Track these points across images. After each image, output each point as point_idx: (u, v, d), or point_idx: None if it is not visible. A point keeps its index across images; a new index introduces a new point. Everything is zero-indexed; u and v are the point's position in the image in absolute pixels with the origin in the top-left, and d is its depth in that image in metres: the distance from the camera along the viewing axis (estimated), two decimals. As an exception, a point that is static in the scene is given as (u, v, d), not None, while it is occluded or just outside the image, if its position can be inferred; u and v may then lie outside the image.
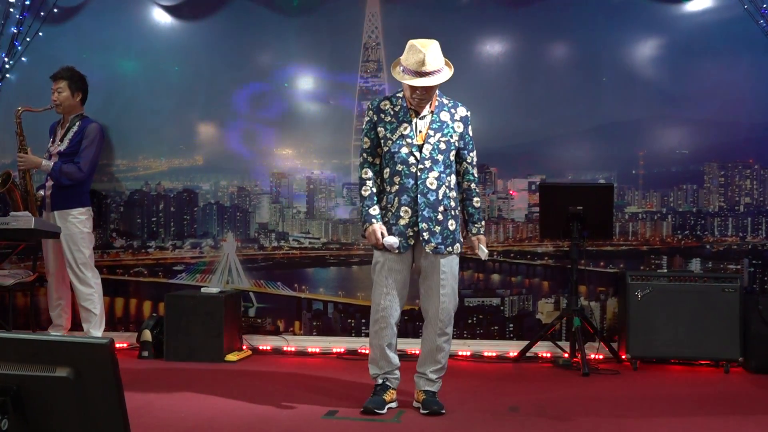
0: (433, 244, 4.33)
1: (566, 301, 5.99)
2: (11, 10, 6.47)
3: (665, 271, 6.06)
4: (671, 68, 6.16)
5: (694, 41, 6.10)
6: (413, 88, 4.25)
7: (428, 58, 4.16)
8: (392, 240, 4.32)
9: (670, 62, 6.16)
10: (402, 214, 4.34)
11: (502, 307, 6.28)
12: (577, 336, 5.62)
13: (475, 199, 4.56)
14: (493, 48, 6.35)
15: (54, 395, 2.05)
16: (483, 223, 4.59)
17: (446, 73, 4.27)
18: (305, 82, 6.55)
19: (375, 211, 4.40)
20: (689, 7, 6.12)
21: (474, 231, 4.55)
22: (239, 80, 6.52)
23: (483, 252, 4.51)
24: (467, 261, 6.28)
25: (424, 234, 4.32)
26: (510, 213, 6.31)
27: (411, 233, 4.35)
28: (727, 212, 6.14)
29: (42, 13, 6.49)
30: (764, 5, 5.87)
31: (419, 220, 4.31)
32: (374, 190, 4.44)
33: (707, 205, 6.17)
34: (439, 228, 4.33)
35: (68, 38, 6.57)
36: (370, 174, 4.45)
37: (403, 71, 4.25)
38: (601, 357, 5.90)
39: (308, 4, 6.44)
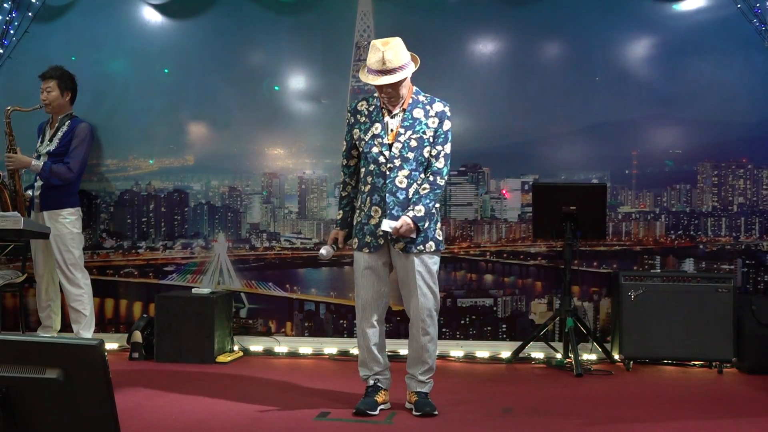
0: (401, 243, 4.29)
1: (559, 302, 5.97)
2: (4, 6, 6.42)
3: (658, 271, 6.05)
4: (664, 68, 6.15)
5: (687, 41, 6.10)
6: (379, 87, 4.26)
7: (387, 55, 4.15)
8: (322, 250, 4.49)
9: (663, 62, 6.16)
10: (372, 213, 4.33)
11: (494, 308, 6.26)
12: (571, 336, 5.62)
13: (424, 185, 4.30)
14: (485, 47, 6.33)
15: (43, 397, 2.03)
16: (421, 210, 4.23)
17: (409, 69, 4.26)
18: (297, 82, 6.52)
19: (339, 215, 4.59)
20: (682, 7, 6.11)
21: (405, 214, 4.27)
22: (230, 79, 6.49)
23: (385, 224, 4.21)
24: (460, 261, 6.28)
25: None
26: (503, 213, 6.29)
27: (381, 233, 4.32)
28: (721, 212, 6.13)
29: (30, 12, 6.44)
30: (757, 4, 5.87)
31: (388, 218, 4.28)
32: (343, 194, 4.58)
33: (700, 205, 6.16)
34: None
35: (57, 37, 6.53)
36: (343, 177, 4.59)
37: (367, 71, 4.26)
38: (594, 357, 5.89)
39: (300, 2, 6.41)
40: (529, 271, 6.27)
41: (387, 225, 4.21)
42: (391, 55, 4.16)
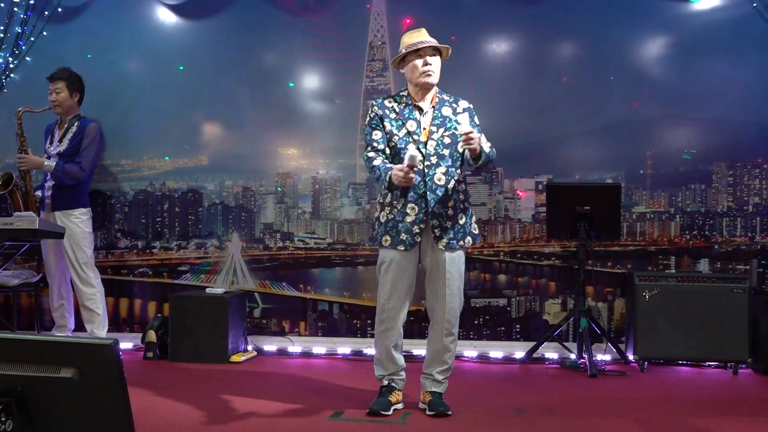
0: (445, 240, 4.29)
1: (573, 302, 5.96)
2: (15, 9, 6.46)
3: (673, 271, 6.03)
4: (679, 67, 6.13)
5: (702, 40, 6.07)
6: (423, 59, 4.27)
7: (425, 33, 4.33)
8: (411, 152, 4.07)
9: (678, 61, 6.14)
10: (408, 211, 4.30)
11: (508, 308, 6.25)
12: (585, 337, 5.59)
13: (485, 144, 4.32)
14: (499, 47, 6.32)
15: (58, 396, 2.03)
16: (487, 145, 4.28)
17: (447, 46, 4.39)
18: (310, 82, 6.53)
19: (388, 165, 4.25)
20: (697, 6, 6.09)
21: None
22: (244, 79, 6.51)
23: (465, 126, 4.13)
24: (473, 261, 6.27)
25: (436, 231, 4.28)
26: (517, 213, 6.29)
27: (417, 230, 4.30)
28: (736, 212, 6.10)
29: (46, 13, 6.48)
30: (773, 3, 5.84)
31: (430, 216, 4.28)
32: (377, 160, 4.31)
33: (715, 205, 6.13)
34: (450, 223, 4.30)
35: (72, 38, 6.57)
36: (379, 157, 4.32)
37: (406, 50, 4.31)
38: (608, 358, 5.86)
39: (314, 2, 6.43)
40: (543, 271, 6.26)
41: (411, 153, 4.03)
42: (427, 36, 4.32)
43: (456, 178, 4.34)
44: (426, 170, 4.27)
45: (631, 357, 5.77)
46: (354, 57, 6.40)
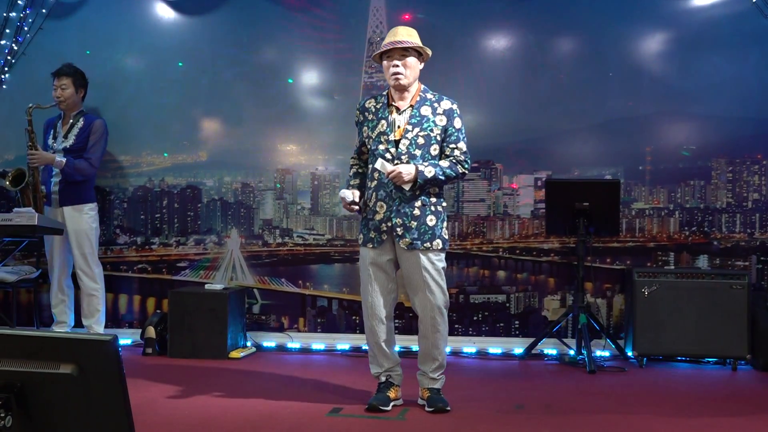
0: (407, 240, 4.27)
1: (572, 298, 5.96)
2: (20, 2, 6.45)
3: (672, 267, 6.02)
4: (678, 63, 6.13)
5: (702, 36, 6.07)
6: (390, 62, 4.29)
7: (401, 32, 4.31)
8: (344, 192, 4.34)
9: (677, 57, 6.13)
10: (378, 209, 4.32)
11: (507, 304, 6.25)
12: (584, 333, 5.60)
13: (444, 161, 4.30)
14: (498, 42, 6.31)
15: (58, 392, 2.03)
16: (431, 170, 4.19)
17: (420, 44, 4.32)
18: (309, 77, 6.53)
19: (352, 182, 4.52)
20: (697, 2, 6.08)
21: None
22: (243, 75, 6.51)
23: (378, 162, 4.20)
24: (472, 257, 6.27)
25: (398, 230, 4.27)
26: (516, 209, 6.28)
27: (385, 228, 4.32)
28: (735, 208, 6.10)
29: (44, 9, 6.47)
30: (772, -1, 5.83)
31: (393, 215, 4.27)
32: (352, 172, 4.57)
33: (715, 201, 6.13)
34: (416, 223, 4.27)
35: (71, 33, 6.57)
36: (355, 166, 4.59)
37: (377, 52, 4.38)
38: (607, 354, 5.87)
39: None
40: (542, 267, 6.26)
41: (380, 164, 4.20)
42: (406, 34, 4.29)
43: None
44: None
45: (629, 353, 5.77)
46: (353, 53, 6.39)
